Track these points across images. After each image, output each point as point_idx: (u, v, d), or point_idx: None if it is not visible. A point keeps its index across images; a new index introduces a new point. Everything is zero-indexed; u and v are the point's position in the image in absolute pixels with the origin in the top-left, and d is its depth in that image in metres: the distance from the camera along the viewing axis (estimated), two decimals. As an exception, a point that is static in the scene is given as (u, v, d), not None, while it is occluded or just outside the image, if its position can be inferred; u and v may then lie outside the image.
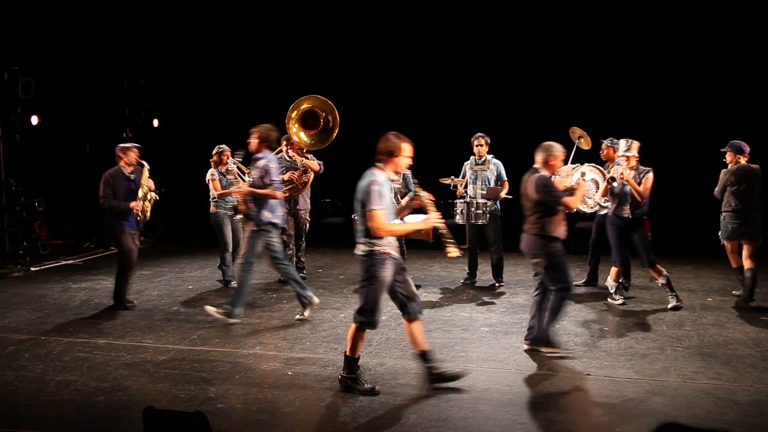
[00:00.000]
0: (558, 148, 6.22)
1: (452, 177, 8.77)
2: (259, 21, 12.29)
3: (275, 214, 7.13)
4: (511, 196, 8.68)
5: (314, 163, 8.85)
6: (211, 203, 8.83)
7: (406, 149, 5.27)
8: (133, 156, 7.77)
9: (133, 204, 7.63)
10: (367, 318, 5.21)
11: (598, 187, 8.06)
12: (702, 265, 9.82)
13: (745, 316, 7.31)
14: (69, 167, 12.47)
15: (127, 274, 7.83)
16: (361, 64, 12.13)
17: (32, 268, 10.20)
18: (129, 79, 12.66)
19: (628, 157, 7.50)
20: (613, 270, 7.79)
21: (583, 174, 8.08)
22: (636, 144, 7.51)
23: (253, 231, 7.05)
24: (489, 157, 8.70)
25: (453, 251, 5.39)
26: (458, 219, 8.59)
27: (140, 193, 7.71)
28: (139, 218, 7.77)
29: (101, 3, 11.68)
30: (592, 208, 8.05)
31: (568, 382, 5.45)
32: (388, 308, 7.70)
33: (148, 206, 7.82)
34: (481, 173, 8.65)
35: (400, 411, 4.89)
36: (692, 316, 7.33)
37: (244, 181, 8.80)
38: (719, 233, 7.94)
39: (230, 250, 8.80)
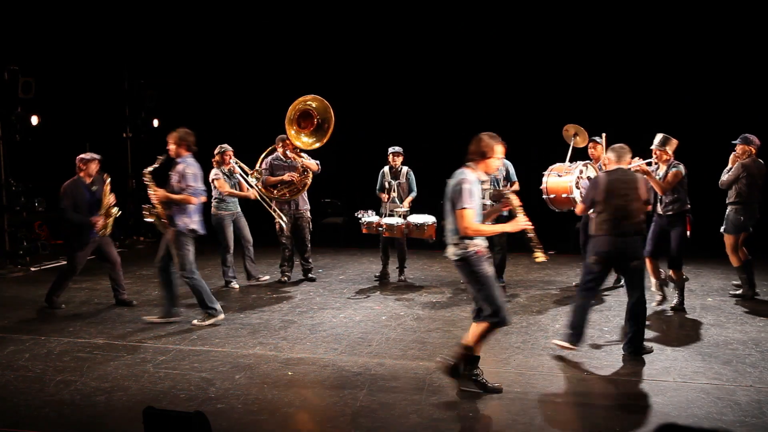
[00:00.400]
0: (627, 148, 6.29)
1: None
2: (259, 21, 12.29)
3: (193, 219, 7.00)
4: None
5: (312, 163, 8.83)
6: (212, 204, 8.74)
7: (498, 150, 5.18)
8: (93, 167, 7.75)
9: (94, 219, 7.63)
10: (500, 316, 5.07)
11: None
12: (702, 265, 9.81)
13: (745, 316, 7.32)
14: (69, 167, 12.44)
15: (68, 280, 7.92)
16: (363, 63, 12.13)
17: (32, 268, 10.20)
18: (129, 79, 12.66)
19: (660, 151, 7.30)
20: (647, 264, 7.44)
21: (581, 172, 8.09)
22: (674, 141, 7.31)
23: (177, 239, 6.93)
24: None
25: (540, 256, 5.32)
26: None
27: (102, 207, 7.70)
28: (100, 233, 7.72)
29: (101, 3, 11.68)
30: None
31: (568, 382, 5.45)
32: (388, 308, 7.73)
33: (110, 222, 7.79)
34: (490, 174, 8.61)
35: (400, 411, 4.89)
36: (692, 316, 7.33)
37: (246, 180, 8.79)
38: (722, 228, 7.94)
39: (231, 251, 8.77)
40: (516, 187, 8.68)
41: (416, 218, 8.78)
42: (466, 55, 11.93)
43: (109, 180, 7.82)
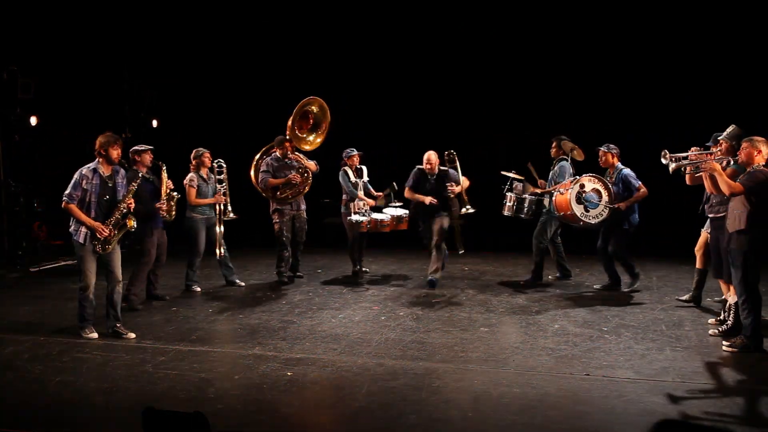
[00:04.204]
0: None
1: (513, 170, 9.05)
2: (259, 20, 12.28)
3: None
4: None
5: (312, 164, 8.93)
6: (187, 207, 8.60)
7: None
8: (147, 158, 7.80)
9: (158, 204, 7.68)
10: None
11: (600, 197, 8.04)
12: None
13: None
14: (69, 167, 12.41)
15: (143, 271, 7.93)
16: (364, 63, 12.13)
17: (31, 269, 10.18)
18: (129, 79, 12.65)
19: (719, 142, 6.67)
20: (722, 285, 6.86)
21: (582, 186, 8.06)
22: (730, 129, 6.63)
23: None
24: (559, 158, 8.76)
25: None
26: (505, 211, 8.89)
27: (163, 194, 7.79)
28: (165, 218, 7.85)
29: (101, 3, 11.67)
30: (596, 218, 8.06)
31: (567, 382, 5.45)
32: (387, 308, 7.73)
33: (173, 205, 7.94)
34: (551, 172, 8.79)
35: (400, 411, 4.89)
36: (692, 316, 7.33)
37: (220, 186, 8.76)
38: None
39: (201, 256, 8.65)
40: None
41: (395, 212, 9.19)
42: (470, 57, 11.94)
43: (165, 167, 7.89)
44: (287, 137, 8.76)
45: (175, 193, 7.99)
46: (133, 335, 6.69)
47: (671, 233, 10.08)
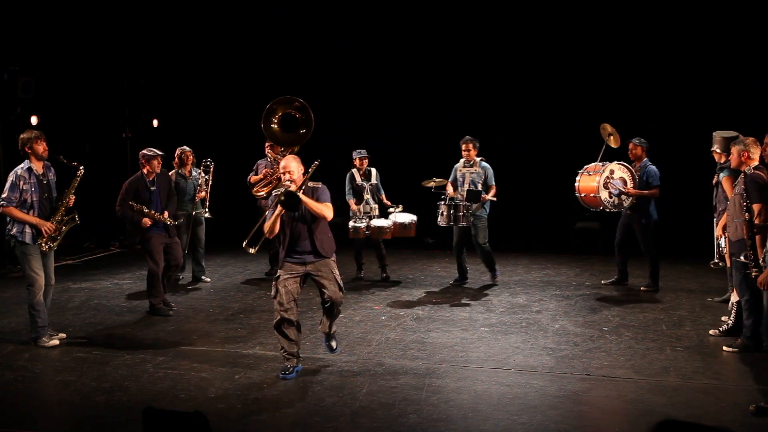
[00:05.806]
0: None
1: (434, 178, 8.76)
2: (258, 21, 12.29)
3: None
4: (495, 199, 8.68)
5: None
6: None
7: None
8: (156, 164, 7.54)
9: (145, 220, 7.34)
10: None
11: (625, 185, 8.14)
12: (702, 265, 9.80)
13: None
14: (68, 167, 12.40)
15: (154, 281, 7.50)
16: (366, 63, 12.12)
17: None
18: (129, 79, 12.66)
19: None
20: None
21: (612, 171, 8.16)
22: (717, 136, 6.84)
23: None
24: (478, 159, 8.68)
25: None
26: (440, 221, 8.55)
27: (144, 208, 7.43)
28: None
29: (101, 3, 11.68)
30: (614, 208, 8.19)
31: (567, 382, 5.45)
32: (387, 308, 7.73)
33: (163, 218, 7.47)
34: (470, 175, 8.65)
35: (400, 411, 4.89)
36: (692, 316, 7.33)
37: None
38: None
39: (186, 250, 8.69)
40: (493, 191, 8.62)
41: (402, 217, 8.95)
42: (470, 57, 11.93)
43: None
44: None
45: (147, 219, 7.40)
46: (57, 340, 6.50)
47: (671, 233, 10.08)
